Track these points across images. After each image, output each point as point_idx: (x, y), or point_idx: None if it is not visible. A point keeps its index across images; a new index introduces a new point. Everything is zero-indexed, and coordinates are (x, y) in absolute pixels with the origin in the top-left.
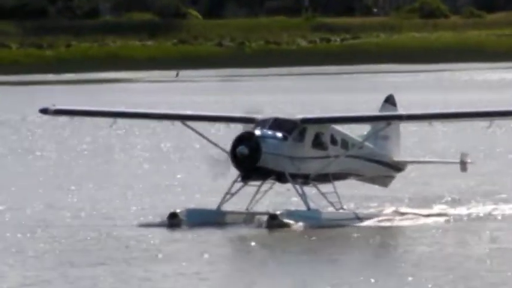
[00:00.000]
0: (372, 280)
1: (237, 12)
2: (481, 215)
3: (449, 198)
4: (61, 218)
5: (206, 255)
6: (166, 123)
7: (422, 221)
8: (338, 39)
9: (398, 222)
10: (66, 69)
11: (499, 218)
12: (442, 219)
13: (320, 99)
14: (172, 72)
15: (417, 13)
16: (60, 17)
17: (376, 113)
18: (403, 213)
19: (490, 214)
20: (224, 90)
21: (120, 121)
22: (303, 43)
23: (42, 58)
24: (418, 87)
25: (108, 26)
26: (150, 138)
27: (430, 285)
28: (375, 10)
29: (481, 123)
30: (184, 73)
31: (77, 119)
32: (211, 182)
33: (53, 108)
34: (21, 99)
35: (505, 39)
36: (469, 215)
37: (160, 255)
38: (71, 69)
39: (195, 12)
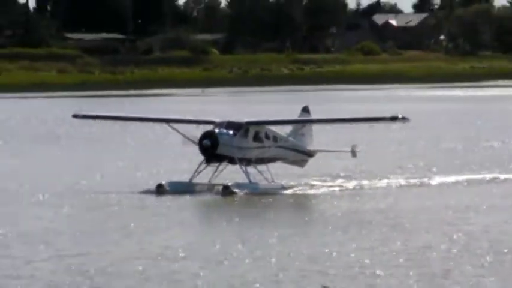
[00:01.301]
0: (298, 230)
1: (242, 50)
2: (367, 186)
3: (344, 175)
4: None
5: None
6: (156, 124)
7: (326, 190)
8: (308, 68)
9: (310, 190)
10: (131, 88)
11: (382, 188)
12: (339, 188)
13: (295, 108)
14: (200, 90)
15: (360, 51)
16: (127, 53)
17: (296, 118)
18: (313, 185)
19: (374, 186)
20: (233, 102)
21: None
22: (285, 71)
23: (115, 80)
24: (360, 100)
25: (159, 59)
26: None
27: (340, 232)
28: (332, 49)
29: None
30: (208, 90)
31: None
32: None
33: (81, 113)
34: (98, 107)
35: (416, 69)
36: (358, 186)
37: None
38: (134, 87)
39: (215, 50)
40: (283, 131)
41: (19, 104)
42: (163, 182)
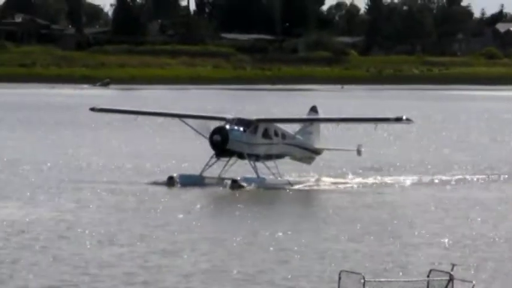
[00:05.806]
0: (305, 224)
1: (378, 52)
2: (370, 183)
3: (350, 172)
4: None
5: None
6: (169, 119)
7: (334, 186)
8: (437, 70)
9: (318, 187)
10: (278, 83)
11: (383, 184)
12: (346, 186)
13: (424, 105)
14: (339, 86)
15: (484, 56)
16: (275, 52)
17: (304, 116)
18: (321, 181)
19: (378, 183)
20: (369, 98)
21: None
22: (416, 71)
23: (264, 75)
24: (481, 99)
25: (303, 58)
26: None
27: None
28: (459, 53)
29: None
30: (346, 87)
31: None
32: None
33: (98, 107)
34: (245, 99)
35: None
36: (364, 183)
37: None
38: (281, 82)
39: (353, 52)
40: (292, 128)
41: (178, 94)
42: (174, 174)
